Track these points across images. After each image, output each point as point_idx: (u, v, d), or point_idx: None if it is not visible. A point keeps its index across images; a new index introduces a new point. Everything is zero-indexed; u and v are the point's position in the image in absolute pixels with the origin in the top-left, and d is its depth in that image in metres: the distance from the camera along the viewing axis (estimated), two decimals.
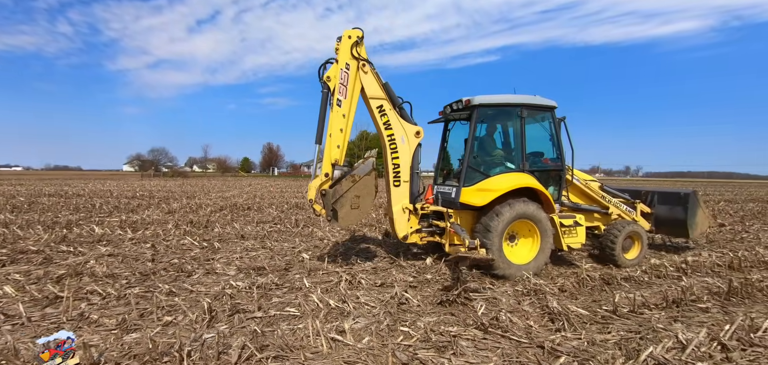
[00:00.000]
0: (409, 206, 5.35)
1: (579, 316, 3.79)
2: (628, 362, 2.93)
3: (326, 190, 5.01)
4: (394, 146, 5.29)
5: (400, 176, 5.33)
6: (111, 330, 3.45)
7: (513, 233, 5.32)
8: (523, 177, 5.28)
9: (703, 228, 6.84)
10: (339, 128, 5.07)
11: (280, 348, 3.04)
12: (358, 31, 5.09)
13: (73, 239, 7.30)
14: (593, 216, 6.24)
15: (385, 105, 5.26)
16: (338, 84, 5.02)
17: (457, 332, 3.37)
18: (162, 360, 2.85)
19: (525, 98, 5.53)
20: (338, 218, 4.93)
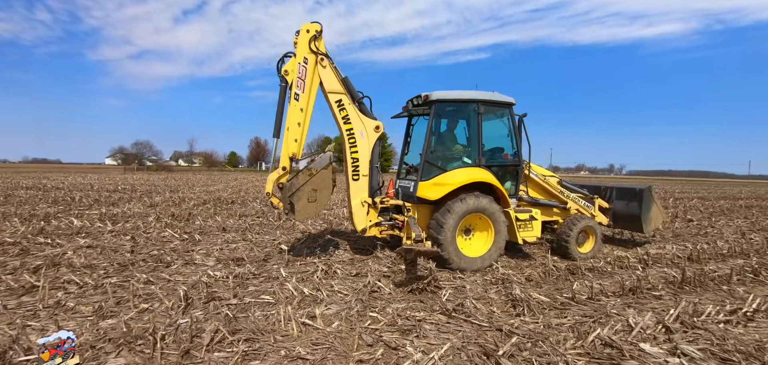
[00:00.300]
0: (368, 200, 5.40)
1: (539, 303, 4.03)
2: (578, 342, 3.17)
3: (284, 183, 5.07)
4: (353, 141, 5.35)
5: (359, 170, 5.39)
6: (87, 316, 3.53)
7: (468, 226, 5.44)
8: (479, 172, 5.40)
9: (657, 223, 7.04)
10: (296, 121, 5.11)
11: (252, 331, 3.19)
12: (317, 26, 5.13)
13: (50, 232, 7.26)
14: (552, 211, 6.44)
15: (344, 99, 5.32)
16: (296, 78, 5.07)
17: (423, 317, 3.57)
18: (136, 343, 2.96)
19: (482, 94, 5.65)
20: (295, 212, 4.98)
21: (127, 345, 2.94)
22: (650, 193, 6.77)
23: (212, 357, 2.78)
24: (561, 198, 6.44)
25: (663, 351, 3.06)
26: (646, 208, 6.65)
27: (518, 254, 6.34)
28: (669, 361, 2.92)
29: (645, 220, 6.65)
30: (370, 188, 5.46)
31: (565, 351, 2.99)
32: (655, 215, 6.85)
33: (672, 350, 3.10)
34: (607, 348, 3.07)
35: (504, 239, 5.36)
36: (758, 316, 3.93)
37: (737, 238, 8.34)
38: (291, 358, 2.78)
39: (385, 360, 2.78)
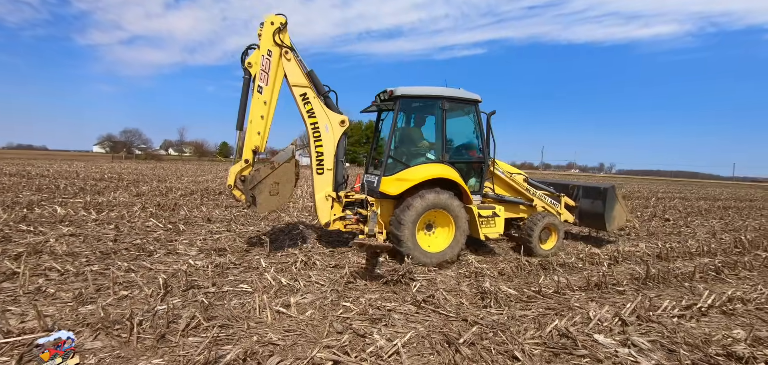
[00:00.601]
0: (333, 194, 5.37)
1: (507, 295, 4.22)
2: (537, 333, 3.36)
3: (246, 176, 5.07)
4: (318, 135, 5.30)
5: (323, 164, 5.35)
6: (67, 302, 3.62)
7: (430, 222, 5.50)
8: (441, 168, 5.46)
9: (621, 222, 7.13)
10: (260, 114, 5.09)
11: (227, 318, 3.32)
12: (281, 18, 5.07)
13: (33, 220, 7.26)
14: (519, 208, 6.57)
15: (309, 93, 5.26)
16: (260, 70, 5.04)
17: (393, 307, 3.74)
18: (113, 327, 3.08)
19: (447, 90, 5.70)
20: (257, 204, 5.02)
21: (104, 330, 3.05)
22: (614, 192, 6.86)
23: (186, 342, 2.91)
24: (527, 196, 6.56)
25: (615, 342, 3.26)
26: (609, 207, 6.75)
27: (494, 249, 6.54)
28: (619, 351, 3.13)
29: (608, 218, 6.76)
30: (335, 182, 5.43)
31: (524, 341, 3.18)
32: (618, 214, 6.96)
33: (623, 341, 3.30)
34: (563, 338, 3.27)
35: (465, 234, 5.43)
36: (712, 312, 4.18)
37: (708, 238, 8.68)
38: (262, 344, 2.92)
39: (352, 346, 2.94)
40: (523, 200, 6.55)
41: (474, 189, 5.96)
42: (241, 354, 2.68)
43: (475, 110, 5.95)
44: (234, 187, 5.15)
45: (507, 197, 6.40)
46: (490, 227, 5.85)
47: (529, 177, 6.81)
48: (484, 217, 5.78)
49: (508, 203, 6.37)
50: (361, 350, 2.88)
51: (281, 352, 2.81)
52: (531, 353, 3.02)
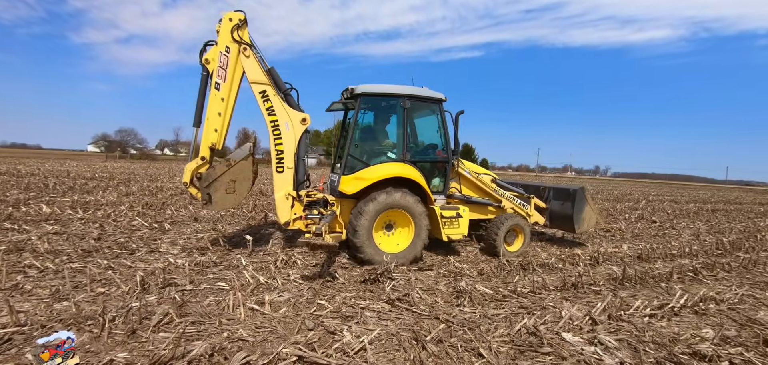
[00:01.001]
0: (293, 193, 5.22)
1: (483, 295, 4.28)
2: (507, 330, 3.42)
3: (202, 173, 5.09)
4: (278, 132, 5.20)
5: (283, 162, 5.23)
6: (43, 299, 3.64)
7: (390, 222, 5.44)
8: (399, 167, 5.38)
9: (591, 224, 7.00)
10: (217, 111, 5.07)
11: (200, 315, 3.36)
12: (240, 14, 5.04)
13: (18, 217, 7.24)
14: (487, 209, 6.52)
15: (269, 90, 5.17)
16: (217, 67, 5.02)
17: (367, 305, 3.79)
18: (86, 323, 3.11)
19: (409, 88, 5.66)
20: (212, 202, 5.05)
21: (76, 325, 3.08)
22: (583, 194, 6.78)
23: (156, 337, 2.95)
24: (495, 196, 6.52)
25: (582, 340, 3.33)
26: (578, 208, 6.66)
27: (476, 250, 6.60)
28: (584, 349, 3.19)
29: (577, 220, 6.66)
30: (296, 180, 5.29)
31: (492, 339, 3.24)
32: (588, 216, 6.86)
33: (591, 339, 3.37)
34: (531, 336, 3.33)
35: (425, 234, 5.36)
36: (684, 311, 4.25)
37: (692, 240, 8.80)
38: (232, 340, 2.96)
39: (320, 343, 2.98)
40: (491, 201, 6.51)
41: (438, 189, 5.93)
42: (209, 350, 2.72)
43: (439, 109, 5.89)
44: (190, 184, 5.13)
45: (474, 197, 6.34)
46: (454, 228, 5.76)
47: (496, 178, 6.76)
48: (446, 217, 5.68)
49: (475, 204, 6.33)
50: (328, 346, 2.93)
51: (249, 348, 2.85)
52: (497, 351, 3.08)
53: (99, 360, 2.55)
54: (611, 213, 13.21)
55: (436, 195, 5.82)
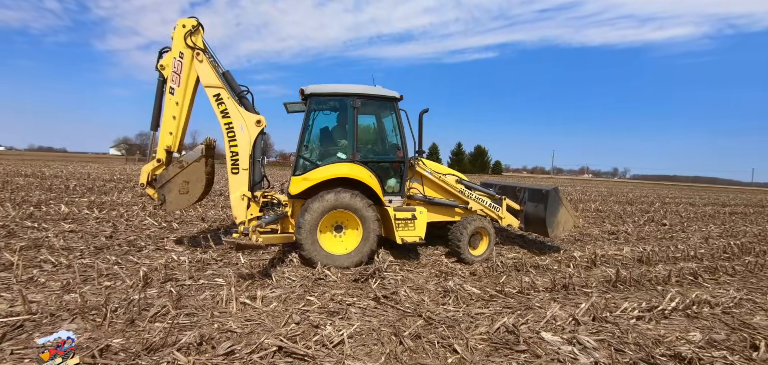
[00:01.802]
0: (248, 194, 5.25)
1: (469, 294, 4.38)
2: (486, 329, 3.51)
3: (157, 175, 5.31)
4: (232, 134, 5.26)
5: (238, 163, 5.27)
6: (54, 291, 3.93)
7: (340, 223, 5.37)
8: (346, 167, 5.33)
9: (566, 228, 6.54)
10: (172, 115, 5.26)
11: (194, 308, 3.58)
12: (193, 21, 5.19)
13: (39, 217, 7.69)
14: (454, 211, 6.30)
15: (223, 94, 5.25)
16: (172, 72, 5.18)
17: (353, 301, 3.94)
18: (90, 313, 3.36)
19: (359, 88, 5.62)
20: (167, 202, 5.26)
21: (81, 314, 3.33)
22: (557, 195, 6.34)
23: (152, 327, 3.17)
24: (461, 198, 6.28)
25: (560, 340, 3.38)
26: (551, 210, 6.21)
27: None
28: (561, 349, 3.26)
29: (550, 223, 6.21)
30: (251, 181, 5.34)
31: (470, 336, 3.34)
32: (563, 219, 6.41)
33: (570, 339, 3.42)
34: (509, 334, 3.42)
35: (374, 235, 5.22)
36: (674, 314, 4.24)
37: (700, 243, 8.63)
38: (221, 330, 3.16)
39: (304, 336, 3.15)
40: (457, 203, 6.28)
41: (393, 190, 5.83)
42: (197, 338, 2.92)
43: (394, 108, 5.81)
44: (147, 185, 5.36)
45: (437, 199, 6.16)
46: (408, 231, 5.54)
47: (462, 178, 6.53)
48: (400, 219, 5.52)
49: (439, 206, 6.16)
50: (309, 339, 3.09)
51: (236, 338, 3.04)
52: (474, 347, 3.18)
53: (97, 346, 2.78)
54: (620, 216, 13.01)
55: (392, 196, 5.75)
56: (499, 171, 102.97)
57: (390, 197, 5.74)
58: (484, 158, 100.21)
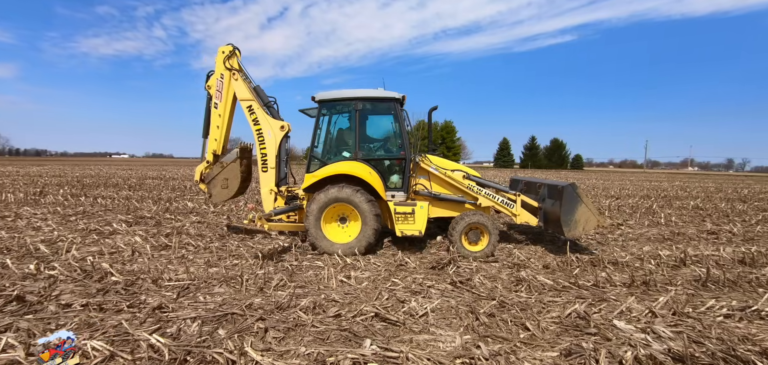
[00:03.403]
0: (275, 189, 6.22)
1: (542, 284, 4.63)
2: (557, 314, 3.78)
3: (206, 173, 6.42)
4: (262, 139, 6.28)
5: (267, 163, 6.25)
6: (200, 265, 5.14)
7: (344, 215, 5.87)
8: (347, 165, 5.81)
9: (589, 227, 6.01)
10: (216, 125, 6.40)
11: (304, 281, 4.46)
12: (229, 47, 6.26)
13: (173, 210, 9.61)
14: (463, 207, 6.34)
15: (254, 105, 6.26)
16: (215, 91, 6.30)
17: (432, 284, 4.48)
18: (230, 281, 4.42)
19: (362, 91, 6.10)
20: (212, 196, 6.45)
21: (226, 282, 4.41)
22: (574, 191, 5.90)
23: (276, 294, 4.08)
24: (470, 194, 6.30)
25: (634, 329, 3.50)
26: (568, 208, 5.81)
27: (546, 244, 6.74)
28: (634, 336, 3.39)
29: (566, 221, 5.79)
30: (277, 178, 6.26)
31: (541, 318, 3.66)
32: (582, 217, 5.88)
33: (644, 328, 3.53)
34: (580, 319, 3.65)
35: (372, 227, 5.60)
36: None
37: None
38: (328, 299, 3.94)
39: (392, 307, 3.79)
40: (465, 199, 6.33)
41: (396, 186, 6.15)
42: (311, 303, 3.73)
43: (395, 108, 6.16)
44: (200, 182, 6.61)
45: (444, 194, 6.30)
46: (408, 224, 5.85)
47: (470, 174, 6.52)
48: (400, 213, 5.83)
49: (446, 202, 6.32)
50: (398, 310, 3.72)
51: (339, 305, 3.80)
52: (545, 328, 3.50)
53: (242, 304, 3.73)
54: (727, 214, 11.57)
55: (395, 192, 6.08)
56: (579, 166, 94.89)
57: (393, 192, 6.10)
58: (561, 153, 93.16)
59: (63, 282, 4.34)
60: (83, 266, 4.86)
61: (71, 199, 11.93)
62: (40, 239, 6.31)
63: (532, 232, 7.93)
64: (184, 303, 3.86)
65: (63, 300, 3.83)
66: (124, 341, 3.01)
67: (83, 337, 3.00)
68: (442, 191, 6.36)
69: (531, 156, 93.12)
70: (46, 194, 13.24)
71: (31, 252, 5.60)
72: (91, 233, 6.95)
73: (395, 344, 3.04)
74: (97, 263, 4.97)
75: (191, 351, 2.88)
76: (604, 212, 10.98)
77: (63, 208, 9.95)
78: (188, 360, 2.78)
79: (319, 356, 2.82)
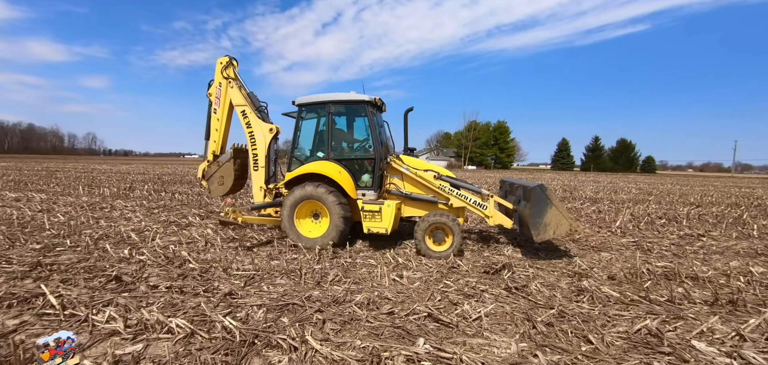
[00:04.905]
0: (264, 186, 6.79)
1: (606, 296, 4.33)
2: (625, 329, 3.52)
3: (206, 171, 7.27)
4: (253, 140, 6.86)
5: (257, 162, 6.85)
6: (263, 258, 5.53)
7: (317, 211, 6.25)
8: (317, 165, 6.17)
9: (560, 231, 5.58)
10: (215, 128, 7.16)
11: (358, 278, 4.61)
12: (226, 58, 6.95)
13: (238, 206, 10.40)
14: (436, 206, 6.38)
15: (247, 109, 6.87)
16: (214, 98, 7.04)
17: (486, 288, 4.39)
18: (290, 274, 4.71)
19: (334, 95, 6.41)
20: (211, 191, 7.29)
21: (286, 275, 4.71)
22: (543, 193, 5.53)
23: (332, 288, 4.28)
24: (441, 194, 6.31)
25: (717, 352, 3.15)
26: (536, 211, 5.45)
27: (613, 252, 6.26)
28: (716, 360, 3.06)
29: (534, 224, 5.44)
30: (266, 175, 6.85)
31: (606, 332, 3.44)
32: (552, 221, 5.49)
33: (730, 352, 3.16)
34: (651, 337, 3.37)
35: (338, 223, 5.89)
36: None
37: None
38: (380, 296, 4.05)
39: (445, 309, 3.79)
40: (436, 199, 6.37)
41: (367, 185, 6.36)
42: (365, 300, 3.86)
43: (366, 111, 6.35)
44: (202, 178, 7.40)
45: (415, 194, 6.43)
46: (375, 222, 5.98)
47: (440, 174, 6.42)
48: (368, 211, 5.99)
49: (418, 201, 6.45)
50: (450, 312, 3.71)
51: (392, 303, 3.88)
52: (610, 342, 3.28)
53: (301, 295, 3.97)
54: None
55: (366, 190, 6.31)
56: (651, 169, 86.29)
57: (364, 191, 6.32)
58: (629, 154, 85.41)
59: (150, 266, 4.94)
60: (166, 253, 5.48)
61: (154, 194, 13.43)
62: (131, 229, 7.21)
63: (594, 239, 7.41)
64: (250, 291, 4.20)
65: (151, 281, 4.37)
66: (202, 321, 3.36)
67: (167, 315, 3.41)
68: (415, 191, 6.51)
69: (594, 158, 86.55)
70: (133, 189, 15.05)
71: (125, 239, 6.42)
72: (171, 225, 7.80)
73: (448, 345, 3.05)
74: (177, 251, 5.57)
75: (258, 334, 3.14)
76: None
77: (148, 202, 11.25)
78: (256, 343, 3.03)
79: (374, 350, 2.92)
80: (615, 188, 23.01)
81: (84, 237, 6.36)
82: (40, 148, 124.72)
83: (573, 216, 6.68)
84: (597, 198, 16.00)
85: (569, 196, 16.53)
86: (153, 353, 2.92)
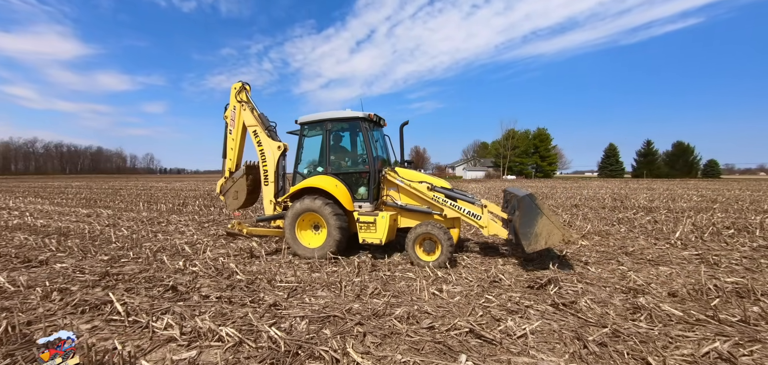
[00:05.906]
0: (274, 200, 7.20)
1: (667, 314, 3.98)
2: (690, 351, 3.21)
3: (223, 187, 7.74)
4: (264, 157, 7.32)
5: (268, 177, 7.27)
6: (305, 270, 5.69)
7: (317, 223, 6.53)
8: (316, 179, 6.48)
9: (551, 241, 5.31)
10: (231, 147, 7.73)
11: (397, 292, 4.60)
12: (240, 83, 7.46)
13: None
14: (432, 217, 6.41)
15: (258, 129, 7.38)
16: (229, 120, 7.62)
17: (531, 304, 4.20)
18: (331, 287, 4.80)
19: (334, 113, 6.72)
20: (227, 205, 7.76)
21: (327, 287, 4.80)
22: (532, 202, 5.42)
23: (372, 301, 4.30)
24: (435, 205, 6.33)
25: None
26: (526, 220, 5.30)
27: (674, 267, 5.76)
28: None
29: (525, 234, 5.26)
30: (276, 190, 7.26)
31: (668, 354, 3.15)
32: (543, 230, 5.27)
33: None
34: (721, 361, 3.05)
35: (336, 234, 6.14)
36: None
37: None
38: (420, 311, 4.00)
39: (487, 325, 3.66)
40: (431, 210, 6.40)
41: (363, 197, 6.54)
42: (405, 313, 3.84)
43: (361, 126, 6.58)
44: (220, 193, 7.83)
45: (410, 205, 6.51)
46: (370, 233, 6.19)
47: (434, 185, 6.42)
48: (363, 223, 6.23)
49: (414, 212, 6.53)
50: (493, 329, 3.58)
51: (432, 318, 3.82)
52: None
53: (342, 308, 4.03)
54: None
55: (362, 202, 6.51)
56: (715, 173, 78.77)
57: (360, 203, 6.53)
58: (688, 158, 78.55)
59: (202, 277, 5.25)
60: (216, 265, 5.81)
61: (204, 209, 14.31)
62: (185, 242, 7.73)
63: (650, 252, 6.86)
64: (293, 302, 4.33)
65: (203, 291, 4.64)
66: (250, 331, 3.51)
67: (218, 323, 3.60)
68: (410, 202, 6.60)
69: (646, 164, 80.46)
70: (186, 204, 16.13)
71: (179, 252, 6.89)
72: (219, 238, 8.26)
73: (492, 363, 2.95)
74: (226, 263, 5.88)
75: (302, 345, 3.22)
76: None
77: (198, 216, 12.01)
78: (299, 354, 3.11)
79: None
80: (672, 196, 21.18)
81: (144, 249, 6.91)
82: (107, 168, 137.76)
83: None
84: (652, 207, 14.82)
85: (619, 205, 15.45)
86: (205, 360, 3.08)
